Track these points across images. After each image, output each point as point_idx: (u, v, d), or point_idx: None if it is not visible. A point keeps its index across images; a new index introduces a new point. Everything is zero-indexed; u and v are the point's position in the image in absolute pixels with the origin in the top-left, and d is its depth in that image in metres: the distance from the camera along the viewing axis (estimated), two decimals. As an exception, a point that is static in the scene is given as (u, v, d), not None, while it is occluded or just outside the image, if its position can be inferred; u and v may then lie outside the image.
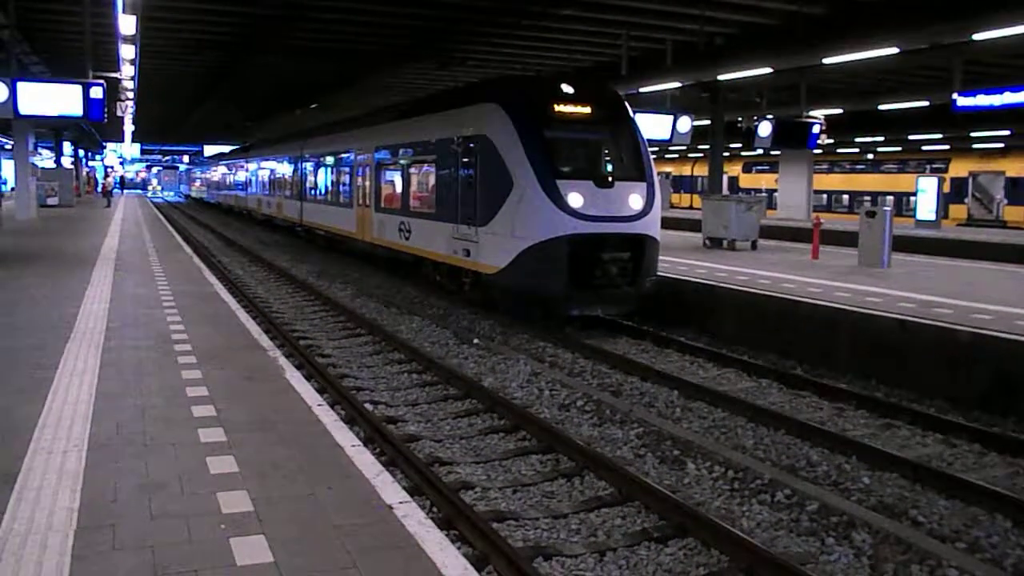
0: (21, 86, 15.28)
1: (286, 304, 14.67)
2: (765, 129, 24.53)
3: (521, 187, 11.38)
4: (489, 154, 11.96)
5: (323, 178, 22.49)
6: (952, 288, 12.07)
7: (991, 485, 6.27)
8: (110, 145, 67.97)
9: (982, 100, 19.38)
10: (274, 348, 8.21)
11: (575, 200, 11.32)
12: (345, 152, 20.02)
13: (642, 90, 21.50)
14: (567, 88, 12.36)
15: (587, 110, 12.25)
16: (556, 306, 11.80)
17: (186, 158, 79.87)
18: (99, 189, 46.60)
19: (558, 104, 12.10)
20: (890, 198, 35.91)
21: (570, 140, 12.37)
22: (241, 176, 37.49)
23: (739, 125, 25.66)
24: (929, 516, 5.87)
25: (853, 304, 10.48)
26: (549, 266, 11.25)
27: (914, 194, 28.22)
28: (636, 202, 11.85)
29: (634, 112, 13.05)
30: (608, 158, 12.75)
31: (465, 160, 12.69)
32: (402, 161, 16.02)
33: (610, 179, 11.91)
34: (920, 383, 9.03)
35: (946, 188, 30.25)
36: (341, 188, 20.48)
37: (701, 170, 48.05)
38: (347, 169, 19.80)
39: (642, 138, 12.65)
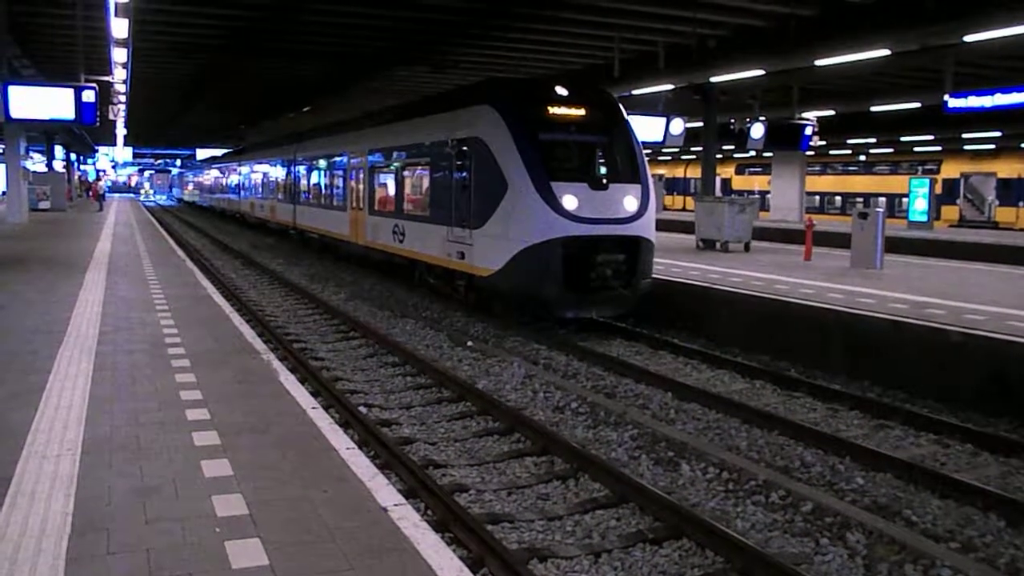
0: (12, 90, 15.26)
1: (280, 307, 14.65)
2: (758, 131, 24.66)
3: (515, 189, 11.37)
4: (483, 156, 11.96)
5: (316, 181, 22.46)
6: (944, 289, 12.12)
7: (984, 485, 6.30)
8: (102, 149, 67.80)
9: (973, 101, 19.45)
10: (268, 351, 8.17)
11: (569, 202, 11.32)
12: (339, 155, 19.99)
13: (635, 92, 21.55)
14: (561, 90, 12.37)
15: (581, 112, 12.26)
16: (551, 309, 11.78)
17: (179, 162, 79.66)
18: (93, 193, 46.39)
19: (552, 106, 12.11)
20: (882, 199, 36.05)
21: (564, 142, 12.34)
22: (234, 179, 37.37)
23: (732, 127, 25.71)
24: (923, 516, 5.89)
25: (846, 305, 10.51)
26: (544, 268, 11.23)
27: (906, 195, 28.34)
28: (631, 204, 11.85)
29: (627, 114, 13.07)
30: (602, 160, 12.73)
31: (459, 163, 12.68)
32: (396, 164, 16.01)
33: (604, 181, 11.94)
34: (913, 384, 9.05)
35: (938, 189, 30.38)
36: (335, 191, 20.45)
37: (694, 172, 48.16)
38: (340, 172, 19.78)
39: (636, 140, 12.65)
